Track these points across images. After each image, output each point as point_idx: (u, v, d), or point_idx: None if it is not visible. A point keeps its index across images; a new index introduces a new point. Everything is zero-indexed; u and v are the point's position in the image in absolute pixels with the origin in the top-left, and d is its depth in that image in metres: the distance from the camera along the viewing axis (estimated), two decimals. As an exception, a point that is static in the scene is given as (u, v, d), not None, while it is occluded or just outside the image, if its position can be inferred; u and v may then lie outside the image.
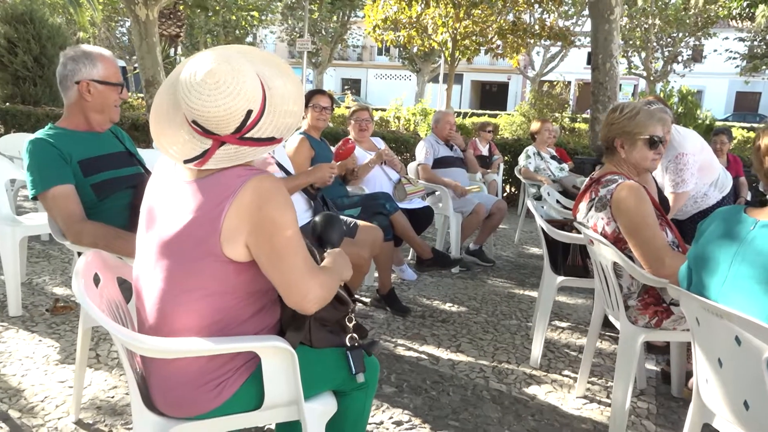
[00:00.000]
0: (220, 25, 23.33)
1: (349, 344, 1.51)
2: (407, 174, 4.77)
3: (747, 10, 10.67)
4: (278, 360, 1.34)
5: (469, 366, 2.87)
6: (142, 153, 2.82)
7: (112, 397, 2.39)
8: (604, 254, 2.24)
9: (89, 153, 2.24)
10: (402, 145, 8.51)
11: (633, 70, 23.88)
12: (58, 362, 2.66)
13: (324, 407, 1.45)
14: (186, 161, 1.35)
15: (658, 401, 2.62)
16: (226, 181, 1.32)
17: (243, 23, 22.98)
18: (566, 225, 2.92)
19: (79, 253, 2.17)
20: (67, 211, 2.13)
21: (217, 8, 18.68)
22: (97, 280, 1.56)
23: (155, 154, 5.29)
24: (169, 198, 1.39)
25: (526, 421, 2.39)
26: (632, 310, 2.24)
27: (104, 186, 2.22)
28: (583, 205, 2.40)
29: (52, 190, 2.12)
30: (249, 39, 28.51)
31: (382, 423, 2.31)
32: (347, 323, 1.54)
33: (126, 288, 1.86)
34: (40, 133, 2.22)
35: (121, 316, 1.60)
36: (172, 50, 17.14)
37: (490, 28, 13.45)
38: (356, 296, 1.67)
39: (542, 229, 2.88)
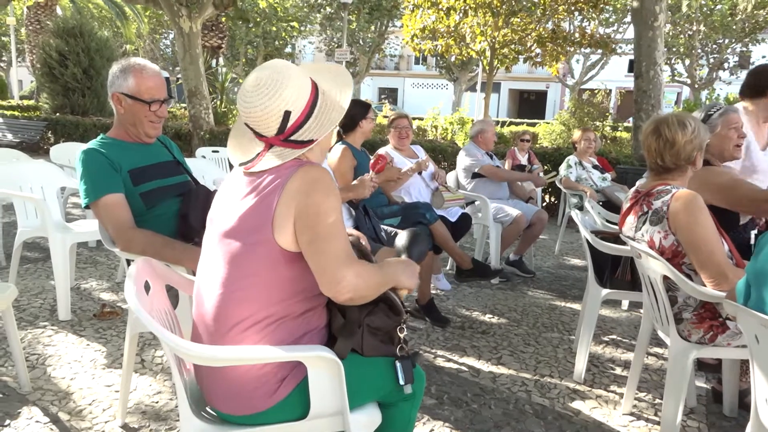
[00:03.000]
0: (260, 36, 23.75)
1: (399, 354, 1.51)
2: (446, 182, 4.74)
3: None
4: (324, 370, 1.34)
5: (510, 379, 2.83)
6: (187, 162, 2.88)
7: (157, 402, 2.43)
8: (654, 267, 2.18)
9: (138, 162, 2.30)
10: (440, 153, 8.49)
11: (676, 78, 23.32)
12: (105, 366, 2.72)
13: (369, 418, 1.44)
14: (241, 164, 1.49)
15: (708, 420, 2.52)
16: (278, 171, 1.42)
17: (283, 34, 23.34)
18: (616, 238, 2.84)
19: (128, 261, 2.22)
20: (117, 219, 2.18)
21: (258, 20, 19.03)
22: (147, 287, 1.59)
23: (198, 163, 5.41)
24: (231, 192, 1.50)
25: (571, 437, 2.33)
26: (686, 324, 2.17)
27: (153, 195, 2.27)
28: (631, 219, 2.33)
29: (104, 198, 2.17)
30: (288, 49, 28.96)
31: None
32: (398, 333, 1.53)
33: (173, 295, 1.90)
34: (92, 144, 2.29)
35: (170, 323, 1.62)
36: (214, 61, 17.52)
37: (529, 36, 13.32)
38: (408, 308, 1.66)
39: (587, 241, 2.82)
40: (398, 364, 1.47)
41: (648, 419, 2.50)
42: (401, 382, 1.46)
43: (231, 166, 7.00)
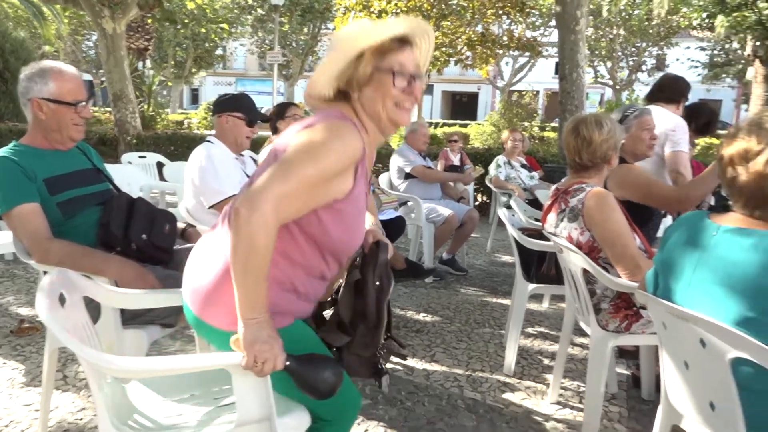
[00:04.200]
0: (189, 38, 23.17)
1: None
2: (379, 185, 4.79)
3: (707, 20, 11.01)
4: (250, 376, 1.33)
5: (443, 375, 2.88)
6: (111, 169, 2.78)
7: (81, 419, 2.34)
8: (574, 261, 2.28)
9: (55, 171, 2.20)
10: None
11: (599, 80, 24.38)
12: (24, 385, 2.59)
13: (297, 422, 1.44)
14: None
15: (629, 404, 2.66)
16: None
17: (213, 36, 22.85)
18: (540, 234, 2.95)
19: (46, 273, 2.13)
20: (32, 229, 2.08)
21: (186, 21, 18.56)
22: (63, 299, 1.53)
23: (124, 169, 5.23)
24: None
25: (501, 428, 2.40)
26: (603, 314, 2.28)
27: (71, 204, 2.18)
28: (552, 216, 2.43)
29: (17, 208, 2.07)
30: (219, 51, 28.38)
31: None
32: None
33: (93, 307, 1.83)
34: (3, 151, 2.17)
35: (88, 336, 1.57)
36: (141, 63, 16.95)
37: (460, 40, 13.62)
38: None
39: (514, 238, 2.91)
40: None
41: (573, 407, 2.61)
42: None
43: (160, 172, 6.77)
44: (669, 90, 3.39)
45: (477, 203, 8.05)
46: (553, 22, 22.70)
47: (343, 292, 1.53)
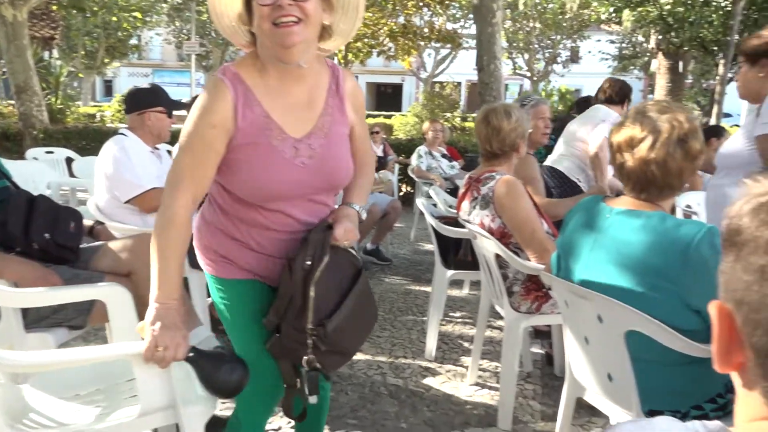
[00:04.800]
0: (100, 26, 22.03)
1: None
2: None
3: (614, 14, 11.60)
4: (152, 366, 1.30)
5: (367, 364, 2.92)
6: (13, 165, 2.62)
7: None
8: (487, 247, 2.36)
9: (-56, 168, 2.06)
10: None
11: (518, 71, 25.14)
12: None
13: (202, 408, 1.43)
14: None
15: (543, 382, 2.79)
16: None
17: (125, 25, 21.82)
18: (457, 222, 3.04)
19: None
20: None
21: (96, 9, 17.63)
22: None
23: (28, 166, 4.93)
24: None
25: (422, 412, 2.47)
26: (516, 297, 2.38)
27: (-37, 203, 2.04)
28: (466, 204, 2.51)
29: None
30: (134, 41, 27.14)
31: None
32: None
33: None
34: None
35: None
36: (47, 53, 15.97)
37: (382, 31, 13.68)
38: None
39: (432, 226, 2.98)
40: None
41: (491, 387, 2.71)
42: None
43: (69, 168, 6.42)
44: (612, 92, 3.60)
45: (401, 193, 8.14)
46: (472, 15, 23.18)
47: (283, 269, 1.51)
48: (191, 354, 1.28)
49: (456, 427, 2.37)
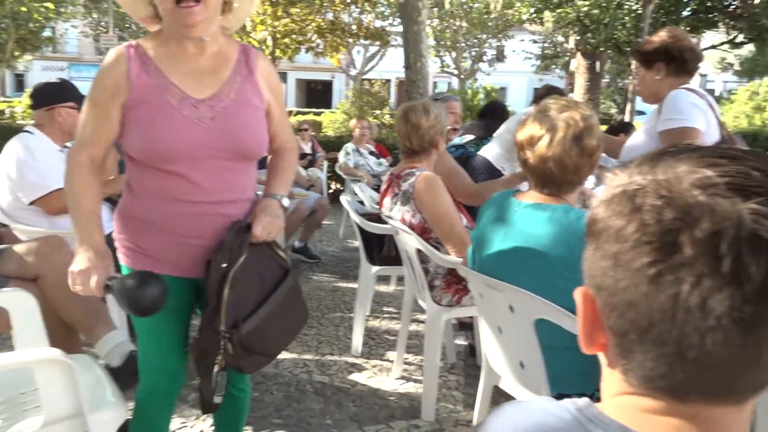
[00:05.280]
0: (8, 17, 20.70)
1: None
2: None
3: (535, 15, 12.01)
4: (56, 372, 1.25)
5: (293, 362, 2.90)
6: None
7: None
8: (408, 242, 2.40)
9: None
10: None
11: (445, 69, 25.56)
12: None
13: (112, 414, 1.39)
14: None
15: (465, 372, 2.86)
16: None
17: (36, 16, 20.61)
18: (381, 218, 3.06)
19: None
20: None
21: (3, -2, 16.57)
22: None
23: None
24: None
25: (348, 408, 2.48)
26: (437, 290, 2.43)
27: None
28: (387, 200, 2.54)
29: None
30: (47, 33, 25.68)
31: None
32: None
33: None
34: None
35: None
36: (-52, 45, 14.85)
37: (309, 27, 13.56)
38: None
39: (356, 222, 3.00)
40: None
41: (416, 380, 2.76)
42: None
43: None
44: (547, 96, 3.74)
45: (331, 191, 8.13)
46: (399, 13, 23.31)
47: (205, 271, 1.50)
48: (109, 283, 1.35)
49: (381, 420, 2.40)
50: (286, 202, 1.59)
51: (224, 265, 1.43)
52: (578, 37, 12.19)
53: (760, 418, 1.37)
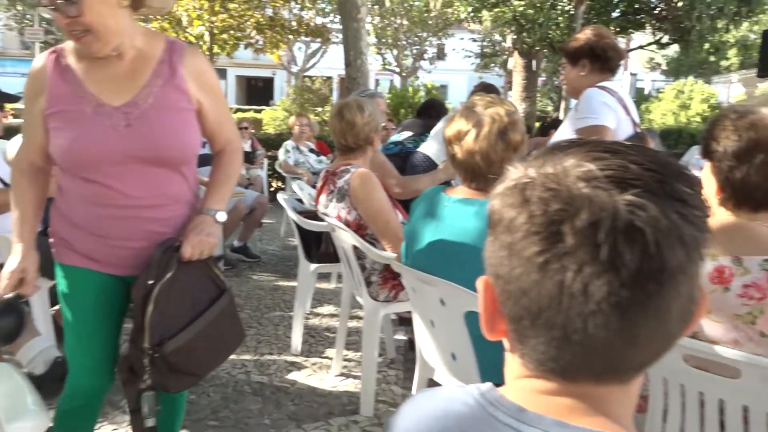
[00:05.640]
0: None
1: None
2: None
3: (473, 14, 12.21)
4: None
5: (231, 363, 2.86)
6: None
7: None
8: (344, 239, 2.41)
9: None
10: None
11: (387, 67, 25.67)
12: None
13: (33, 425, 1.33)
14: None
15: (405, 367, 2.90)
16: None
17: (-46, 7, 19.44)
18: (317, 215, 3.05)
19: None
20: None
21: None
22: None
23: None
24: None
25: (286, 407, 2.47)
26: (374, 286, 2.45)
27: None
28: (323, 197, 2.53)
29: None
30: (-34, 26, 24.28)
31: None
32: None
33: None
34: None
35: None
36: None
37: (248, 23, 13.33)
38: None
39: (294, 220, 2.98)
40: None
41: (356, 376, 2.77)
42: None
43: None
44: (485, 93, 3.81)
45: (271, 189, 8.04)
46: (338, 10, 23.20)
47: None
48: None
49: (320, 418, 2.39)
50: (221, 217, 1.56)
51: (150, 282, 1.41)
52: (515, 37, 12.48)
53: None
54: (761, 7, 12.66)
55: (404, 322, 3.41)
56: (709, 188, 1.21)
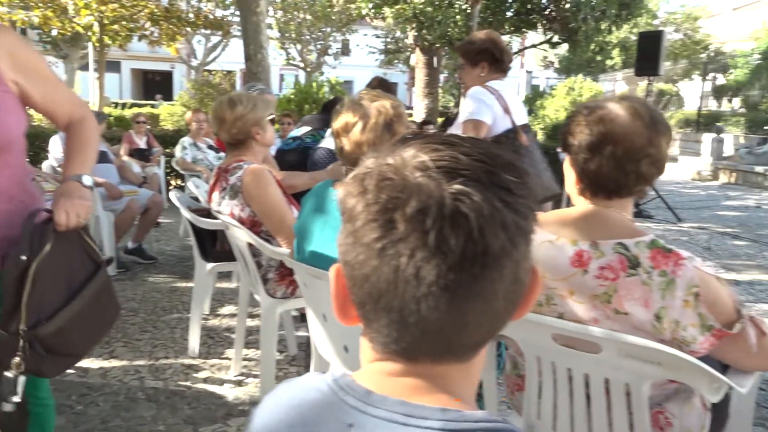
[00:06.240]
0: None
1: None
2: (41, 171, 4.25)
3: (373, 11, 12.31)
4: None
5: (123, 370, 2.74)
6: None
7: None
8: (239, 236, 2.37)
9: None
10: (37, 139, 7.42)
11: (291, 62, 25.36)
12: None
13: None
14: None
15: (306, 363, 2.87)
16: None
17: None
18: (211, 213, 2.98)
19: None
20: None
21: None
22: None
23: None
24: None
25: (182, 411, 2.40)
26: (271, 283, 2.42)
27: None
28: (216, 195, 2.48)
29: None
30: None
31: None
32: None
33: None
34: None
35: None
36: None
37: (142, 14, 12.73)
38: None
39: (188, 219, 2.89)
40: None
41: (256, 375, 2.74)
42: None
43: None
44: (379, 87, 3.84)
45: (171, 188, 7.73)
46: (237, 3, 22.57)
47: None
48: None
49: (218, 420, 2.35)
50: (87, 180, 1.46)
51: (24, 257, 1.30)
52: (416, 34, 12.71)
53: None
54: (639, 10, 13.67)
55: (306, 318, 3.41)
56: (570, 179, 1.30)
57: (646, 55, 8.04)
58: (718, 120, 15.37)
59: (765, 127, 13.26)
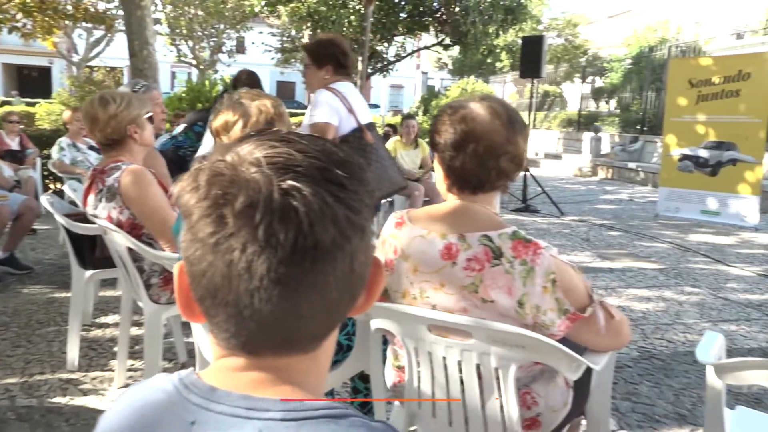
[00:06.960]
0: None
1: None
2: None
3: (266, 8, 12.13)
4: None
5: (-10, 390, 2.53)
6: None
7: None
8: (118, 241, 2.26)
9: None
10: None
11: (183, 59, 24.40)
12: None
13: None
14: None
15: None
16: None
17: None
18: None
19: None
20: None
21: None
22: None
23: None
24: None
25: (59, 428, 2.25)
26: (155, 289, 2.34)
27: None
28: (92, 197, 2.35)
29: None
30: None
31: None
32: None
33: None
34: None
35: None
36: None
37: (12, 3, 11.72)
38: None
39: (62, 224, 2.72)
40: None
41: (142, 385, 2.62)
42: None
43: None
44: (245, 83, 3.75)
45: (50, 192, 7.21)
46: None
47: None
48: None
49: (99, 434, 2.22)
50: None
51: None
52: (311, 32, 12.66)
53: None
54: (524, 16, 14.43)
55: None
56: (439, 176, 1.37)
57: (529, 58, 8.51)
58: (596, 120, 16.51)
59: (637, 127, 14.43)
